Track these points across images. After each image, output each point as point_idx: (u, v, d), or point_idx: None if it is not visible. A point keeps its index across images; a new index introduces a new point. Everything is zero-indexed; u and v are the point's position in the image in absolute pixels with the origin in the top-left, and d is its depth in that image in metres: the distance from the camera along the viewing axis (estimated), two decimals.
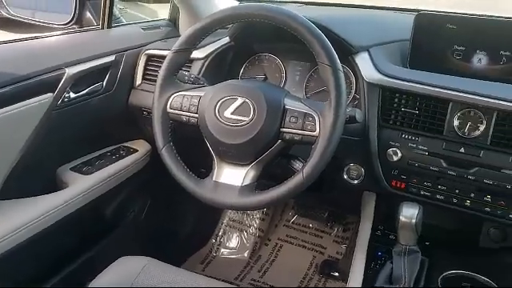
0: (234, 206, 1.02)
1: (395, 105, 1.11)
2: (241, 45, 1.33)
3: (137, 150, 1.49)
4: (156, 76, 1.07)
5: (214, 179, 1.00)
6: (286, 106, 0.96)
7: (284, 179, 0.93)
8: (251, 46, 1.36)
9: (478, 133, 1.02)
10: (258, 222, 1.96)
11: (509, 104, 0.98)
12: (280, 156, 1.01)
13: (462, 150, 1.04)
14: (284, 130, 0.95)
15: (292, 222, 1.99)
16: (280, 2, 1.93)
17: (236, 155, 0.98)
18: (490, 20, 1.12)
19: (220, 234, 1.97)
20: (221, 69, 1.34)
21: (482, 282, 1.07)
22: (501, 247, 1.15)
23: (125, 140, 1.53)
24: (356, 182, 1.19)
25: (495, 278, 1.06)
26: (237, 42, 1.32)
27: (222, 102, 0.97)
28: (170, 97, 1.04)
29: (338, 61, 0.92)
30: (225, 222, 1.99)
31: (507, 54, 1.07)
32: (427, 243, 1.15)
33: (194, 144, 1.04)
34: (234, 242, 1.95)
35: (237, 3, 1.56)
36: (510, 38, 1.06)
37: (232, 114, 0.96)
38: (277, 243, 1.94)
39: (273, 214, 1.99)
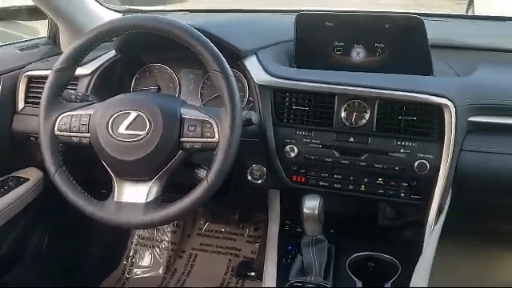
0: (141, 225, 0.99)
1: (287, 104, 1.15)
2: (128, 57, 1.29)
3: (28, 179, 1.39)
4: (40, 98, 1.00)
5: (115, 199, 0.96)
6: (183, 116, 0.95)
7: (191, 189, 0.93)
8: (140, 57, 1.33)
9: (364, 121, 1.10)
10: (169, 235, 1.93)
11: (388, 92, 1.07)
12: (183, 166, 1.00)
13: (352, 139, 1.11)
14: (183, 139, 0.94)
15: (204, 230, 1.98)
16: (163, 11, 1.91)
17: (136, 171, 0.95)
18: (362, 15, 1.21)
19: (131, 254, 1.90)
20: (110, 84, 1.30)
21: (385, 260, 1.15)
22: (398, 224, 1.25)
23: (13, 169, 1.42)
24: (260, 181, 1.22)
25: (396, 254, 1.15)
26: (124, 55, 1.28)
27: (115, 117, 0.94)
28: (56, 118, 0.98)
29: (228, 66, 0.94)
30: (134, 240, 1.93)
31: (381, 45, 1.16)
32: (332, 231, 1.21)
33: (90, 165, 0.99)
34: (146, 259, 1.90)
35: (116, 15, 1.52)
36: (382, 31, 1.15)
37: (126, 129, 0.93)
38: (191, 253, 1.92)
39: (184, 225, 1.96)
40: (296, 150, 1.14)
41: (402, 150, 1.09)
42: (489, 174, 1.10)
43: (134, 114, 0.93)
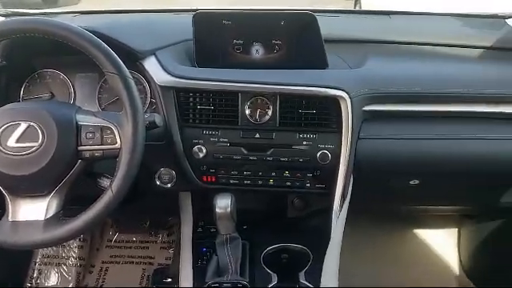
0: (42, 244, 0.92)
1: (191, 104, 1.14)
2: (16, 63, 1.19)
3: None
4: None
5: (10, 219, 0.88)
6: (79, 123, 0.90)
7: (95, 200, 0.88)
8: (29, 63, 1.23)
9: (267, 117, 1.12)
10: (76, 250, 1.82)
11: (287, 87, 1.10)
12: (84, 176, 0.95)
13: (258, 135, 1.13)
14: (82, 148, 0.89)
15: (114, 241, 1.90)
16: (52, 13, 1.79)
17: (31, 187, 0.88)
18: (258, 13, 1.23)
19: (35, 275, 1.77)
20: None
21: (297, 250, 1.19)
22: (306, 214, 1.30)
23: None
24: (169, 185, 1.19)
25: (307, 243, 1.19)
26: (10, 61, 1.17)
27: (2, 130, 0.86)
28: None
29: (125, 68, 0.90)
30: (38, 260, 1.79)
31: (278, 42, 1.19)
32: (245, 227, 1.22)
33: None
34: (53, 278, 1.78)
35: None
36: (278, 28, 1.18)
37: (17, 142, 0.86)
38: (102, 267, 1.83)
39: (91, 238, 1.87)
40: (204, 150, 1.13)
41: (304, 143, 1.13)
42: (385, 158, 1.18)
43: (24, 125, 0.86)
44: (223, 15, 1.18)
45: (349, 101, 1.10)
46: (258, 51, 1.20)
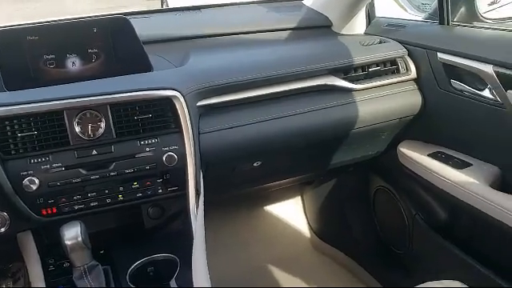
0: None
1: (9, 133, 1.00)
2: None
3: None
4: None
5: None
6: None
7: None
8: None
9: (101, 131, 1.05)
10: None
11: (115, 96, 1.05)
12: None
13: (95, 151, 1.05)
14: None
15: None
16: None
17: None
18: (66, 24, 1.14)
19: None
20: None
21: (163, 260, 1.15)
22: (165, 220, 1.26)
23: None
24: (3, 230, 1.04)
25: (172, 249, 1.16)
26: None
27: None
28: None
29: None
30: None
31: (95, 51, 1.12)
32: (102, 251, 1.14)
33: None
34: None
35: None
36: (91, 36, 1.11)
37: None
38: None
39: None
40: (37, 181, 1.01)
41: (147, 149, 1.09)
42: (229, 147, 1.22)
43: None
44: (26, 31, 1.06)
45: (182, 99, 1.10)
46: (74, 63, 1.11)
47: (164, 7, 4.67)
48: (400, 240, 1.69)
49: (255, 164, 1.38)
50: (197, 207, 1.15)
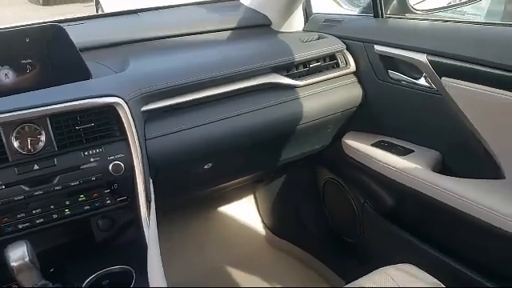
0: None
1: None
2: None
3: None
4: None
5: None
6: None
7: None
8: None
9: (42, 144, 1.01)
10: None
11: (53, 107, 1.00)
12: None
13: (36, 166, 1.00)
14: None
15: None
16: None
17: None
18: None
19: None
20: None
21: (118, 271, 1.12)
22: (116, 231, 1.22)
23: None
24: None
25: (126, 260, 1.12)
26: None
27: None
28: None
29: None
30: None
31: (29, 61, 1.07)
32: (51, 270, 1.09)
33: None
34: None
35: None
36: (24, 46, 1.06)
37: None
38: None
39: None
40: None
41: (92, 160, 1.05)
42: (177, 152, 1.20)
43: None
44: None
45: (125, 105, 1.07)
46: (7, 75, 1.06)
47: (100, 13, 4.54)
48: (351, 229, 1.74)
49: (206, 166, 1.37)
50: (148, 215, 1.13)
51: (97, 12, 4.88)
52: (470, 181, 1.21)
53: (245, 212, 2.15)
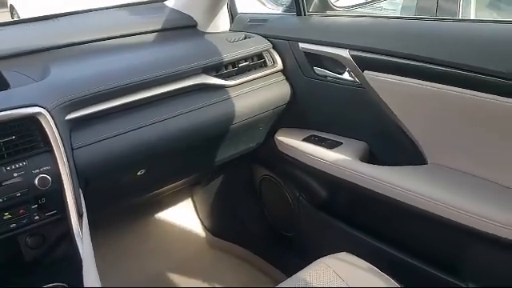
0: None
1: None
2: None
3: None
4: None
5: None
6: None
7: None
8: None
9: None
10: None
11: None
12: None
13: None
14: None
15: None
16: None
17: None
18: None
19: None
20: None
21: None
22: (47, 248, 1.16)
23: None
24: None
25: (57, 276, 1.07)
26: None
27: None
28: None
29: None
30: None
31: None
32: None
33: None
34: None
35: None
36: None
37: None
38: None
39: None
40: None
41: (15, 175, 0.99)
42: (108, 160, 1.16)
43: None
44: None
45: (48, 115, 1.02)
46: None
47: (15, 19, 4.28)
48: (289, 223, 1.78)
49: (139, 173, 1.34)
50: (81, 228, 1.08)
51: (12, 18, 4.59)
52: (395, 168, 1.28)
53: (183, 216, 2.13)
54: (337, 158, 1.38)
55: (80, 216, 1.09)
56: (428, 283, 1.27)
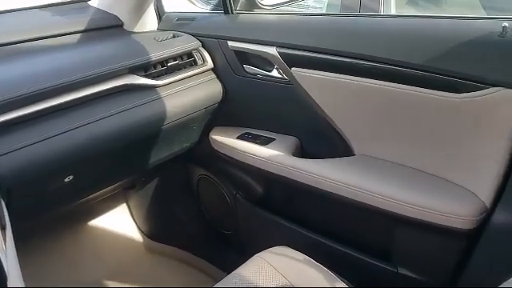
0: None
1: None
2: None
3: None
4: None
5: None
6: None
7: None
8: None
9: None
10: None
11: None
12: None
13: None
14: None
15: None
16: None
17: None
18: None
19: None
20: None
21: None
22: None
23: None
24: None
25: None
26: None
27: None
28: None
29: None
30: None
31: None
32: None
33: None
34: None
35: None
36: None
37: None
38: None
39: None
40: None
41: None
42: (31, 168, 1.10)
43: None
44: None
45: None
46: None
47: None
48: (227, 222, 1.78)
49: (66, 179, 1.28)
50: (5, 243, 1.02)
51: None
52: (326, 161, 1.32)
53: (119, 222, 2.07)
54: (270, 154, 1.40)
55: (3, 228, 1.02)
56: (362, 270, 1.32)
